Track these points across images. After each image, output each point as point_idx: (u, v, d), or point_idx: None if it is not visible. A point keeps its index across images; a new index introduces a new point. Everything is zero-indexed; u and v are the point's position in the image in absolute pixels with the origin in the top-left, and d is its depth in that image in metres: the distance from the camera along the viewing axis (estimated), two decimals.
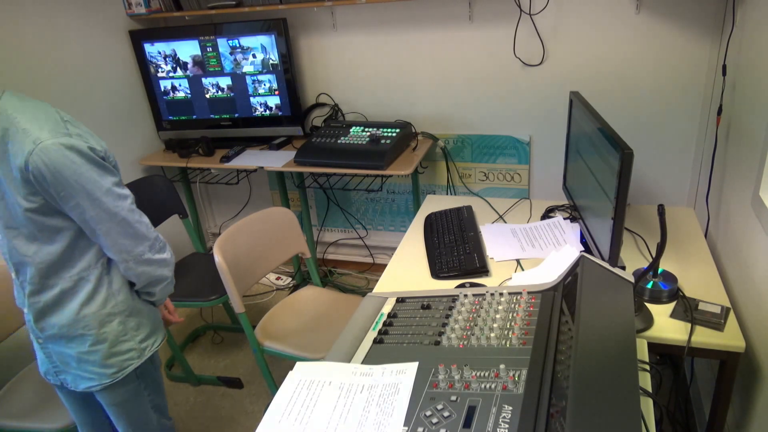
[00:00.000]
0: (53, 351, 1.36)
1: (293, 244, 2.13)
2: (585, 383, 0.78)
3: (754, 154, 1.51)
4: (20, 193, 1.16)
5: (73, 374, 1.37)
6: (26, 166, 1.11)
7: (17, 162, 1.12)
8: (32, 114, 1.16)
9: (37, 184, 1.14)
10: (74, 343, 1.32)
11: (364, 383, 0.97)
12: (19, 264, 1.27)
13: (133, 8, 2.66)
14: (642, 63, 2.28)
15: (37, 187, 1.14)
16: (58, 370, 1.38)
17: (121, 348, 1.36)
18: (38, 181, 1.13)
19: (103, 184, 1.19)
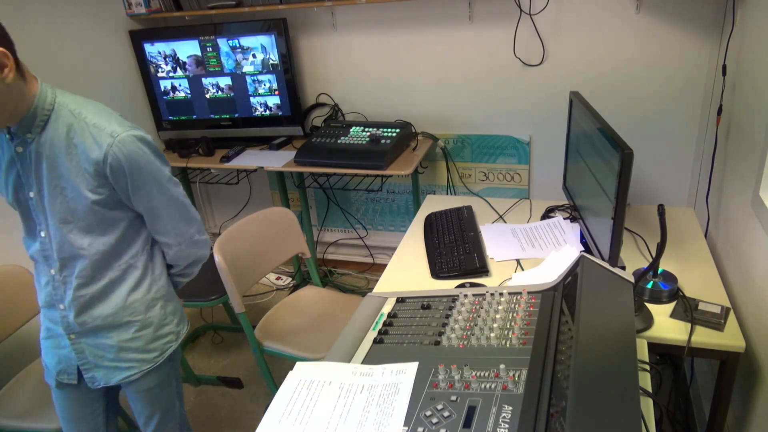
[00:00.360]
0: (88, 345, 1.34)
1: (293, 244, 2.13)
2: (585, 383, 0.78)
3: (754, 154, 1.51)
4: (88, 186, 1.19)
5: (107, 368, 1.36)
6: (105, 158, 1.16)
7: (93, 156, 1.16)
8: (94, 109, 1.22)
9: (111, 176, 1.19)
10: (117, 331, 1.33)
11: (364, 383, 0.98)
12: (69, 258, 1.26)
13: (133, 8, 2.66)
14: (642, 63, 2.28)
15: (111, 178, 1.19)
16: (88, 366, 1.35)
17: (163, 332, 1.40)
18: (114, 172, 1.18)
19: (165, 173, 1.28)
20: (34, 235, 1.27)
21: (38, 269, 1.32)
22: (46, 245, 1.25)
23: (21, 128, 1.15)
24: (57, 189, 1.19)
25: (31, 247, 1.30)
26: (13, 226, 1.35)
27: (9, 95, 1.10)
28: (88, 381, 1.38)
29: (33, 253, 1.29)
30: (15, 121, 1.14)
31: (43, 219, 1.23)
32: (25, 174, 1.20)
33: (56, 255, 1.25)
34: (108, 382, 1.38)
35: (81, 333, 1.33)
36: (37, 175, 1.19)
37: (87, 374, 1.37)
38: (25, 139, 1.16)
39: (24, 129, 1.15)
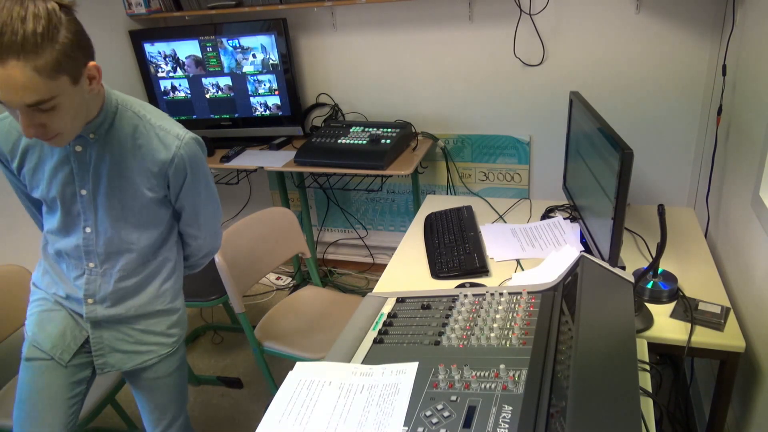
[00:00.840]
0: (109, 333, 1.35)
1: (293, 244, 2.13)
2: (585, 383, 0.78)
3: (754, 154, 1.51)
4: (148, 185, 1.23)
5: (124, 352, 1.37)
6: (172, 159, 1.21)
7: (160, 156, 1.21)
8: (155, 111, 1.26)
9: (172, 176, 1.24)
10: (145, 318, 1.37)
11: (364, 383, 0.98)
12: (115, 253, 1.28)
13: (133, 8, 2.66)
14: (642, 63, 2.28)
15: (171, 178, 1.24)
16: (102, 352, 1.36)
17: (182, 317, 1.46)
18: (177, 172, 1.23)
19: (209, 172, 1.34)
20: (72, 230, 1.27)
21: (65, 263, 1.31)
22: (90, 240, 1.26)
23: (86, 129, 1.16)
24: (116, 187, 1.22)
25: (61, 242, 1.28)
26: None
27: (94, 104, 1.13)
28: (98, 367, 1.37)
29: (65, 247, 1.28)
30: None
31: (92, 215, 1.24)
32: (80, 172, 1.20)
33: (102, 249, 1.27)
34: (121, 367, 1.38)
35: (107, 323, 1.34)
36: (95, 174, 1.20)
37: (98, 360, 1.36)
38: (87, 139, 1.17)
39: (89, 130, 1.17)
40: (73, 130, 1.08)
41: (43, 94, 0.96)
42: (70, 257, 1.29)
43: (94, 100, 1.13)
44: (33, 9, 0.92)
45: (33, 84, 0.94)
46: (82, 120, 1.10)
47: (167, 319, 1.41)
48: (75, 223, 1.26)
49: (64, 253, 1.29)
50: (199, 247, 1.45)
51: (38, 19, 0.92)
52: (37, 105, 0.96)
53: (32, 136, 1.01)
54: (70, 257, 1.29)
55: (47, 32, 0.93)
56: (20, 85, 0.93)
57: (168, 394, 1.48)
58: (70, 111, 1.03)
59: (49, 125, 1.02)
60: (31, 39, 0.90)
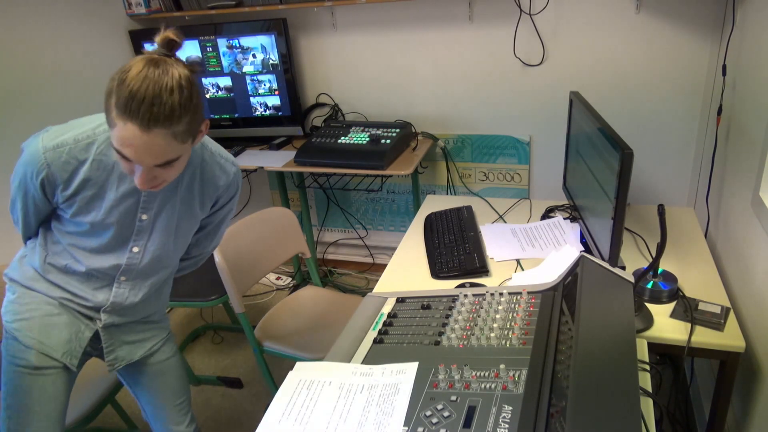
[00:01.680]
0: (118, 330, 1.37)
1: (293, 244, 2.13)
2: (585, 383, 0.78)
3: (754, 154, 1.51)
4: (203, 207, 1.29)
5: (131, 343, 1.40)
6: (229, 185, 1.30)
7: (221, 183, 1.28)
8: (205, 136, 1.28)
9: (224, 196, 1.31)
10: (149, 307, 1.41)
11: (364, 383, 0.98)
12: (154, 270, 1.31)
13: (133, 8, 2.66)
14: (642, 63, 2.28)
15: (222, 198, 1.31)
16: (112, 347, 1.37)
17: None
18: (228, 193, 1.31)
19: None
20: (116, 250, 1.25)
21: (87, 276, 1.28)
22: (134, 259, 1.27)
23: None
24: (177, 212, 1.25)
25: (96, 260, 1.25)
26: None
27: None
28: (109, 364, 1.38)
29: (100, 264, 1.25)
30: None
31: (146, 237, 1.25)
32: (148, 201, 1.21)
33: (144, 267, 1.29)
34: (132, 358, 1.41)
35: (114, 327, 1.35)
36: (163, 202, 1.22)
37: (109, 356, 1.37)
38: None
39: None
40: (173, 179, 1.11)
41: (173, 155, 1.01)
42: (100, 272, 1.27)
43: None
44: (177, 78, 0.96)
45: (170, 148, 0.99)
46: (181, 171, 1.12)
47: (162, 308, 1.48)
48: (120, 245, 1.25)
49: (95, 271, 1.26)
50: (202, 256, 1.49)
51: (182, 90, 0.96)
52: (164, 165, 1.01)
53: (147, 188, 1.05)
54: (100, 272, 1.27)
55: (188, 102, 0.98)
56: (159, 150, 0.98)
57: (179, 372, 1.53)
58: (183, 165, 1.08)
59: (162, 177, 1.06)
60: (177, 110, 0.95)
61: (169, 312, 2.99)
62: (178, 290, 2.30)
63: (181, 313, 2.98)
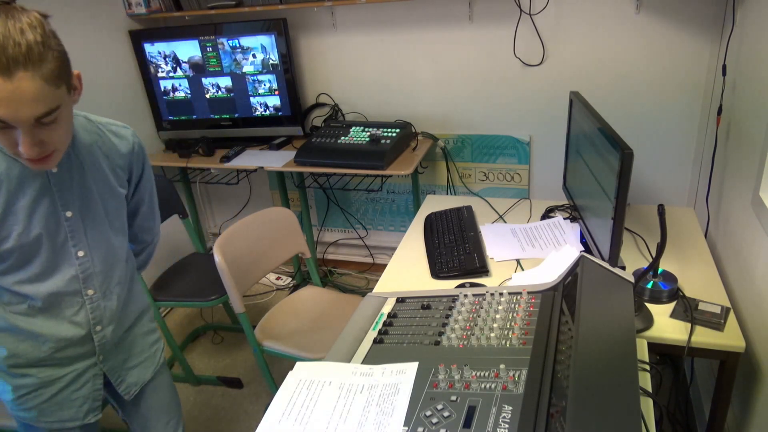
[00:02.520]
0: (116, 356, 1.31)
1: (293, 244, 2.13)
2: (585, 383, 0.78)
3: (754, 154, 1.51)
4: (119, 182, 1.24)
5: (138, 365, 1.37)
6: (133, 148, 1.26)
7: (123, 149, 1.24)
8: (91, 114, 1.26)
9: (135, 166, 1.27)
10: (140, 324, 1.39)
11: (364, 383, 0.97)
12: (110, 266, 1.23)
13: (133, 8, 2.66)
14: (642, 63, 2.28)
15: (135, 168, 1.28)
16: (121, 378, 1.33)
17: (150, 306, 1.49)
18: (137, 161, 1.28)
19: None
20: (59, 264, 1.15)
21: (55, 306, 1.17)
22: (86, 264, 1.18)
23: None
24: (99, 194, 1.18)
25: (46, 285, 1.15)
26: None
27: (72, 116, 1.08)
28: (123, 392, 1.33)
29: (55, 288, 1.15)
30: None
31: (83, 235, 1.16)
32: (63, 195, 1.12)
33: (100, 268, 1.21)
34: (144, 380, 1.39)
35: (113, 346, 1.30)
36: (78, 190, 1.14)
37: (121, 387, 1.33)
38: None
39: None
40: (64, 146, 1.03)
41: (50, 104, 0.93)
42: (65, 295, 1.17)
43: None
44: (27, 20, 0.91)
45: (42, 94, 0.91)
46: (70, 135, 1.06)
47: (148, 314, 1.44)
48: (62, 255, 1.15)
49: (57, 295, 1.16)
50: (154, 242, 1.47)
51: (34, 28, 0.91)
52: (44, 116, 0.93)
53: (35, 156, 0.96)
54: (65, 295, 1.17)
55: (45, 40, 0.92)
56: (31, 97, 0.90)
57: (171, 387, 1.51)
58: (66, 123, 1.01)
59: (48, 141, 0.97)
60: (34, 48, 0.89)
61: (169, 312, 2.99)
62: (178, 290, 2.30)
63: (181, 313, 2.98)
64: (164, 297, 2.25)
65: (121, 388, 1.33)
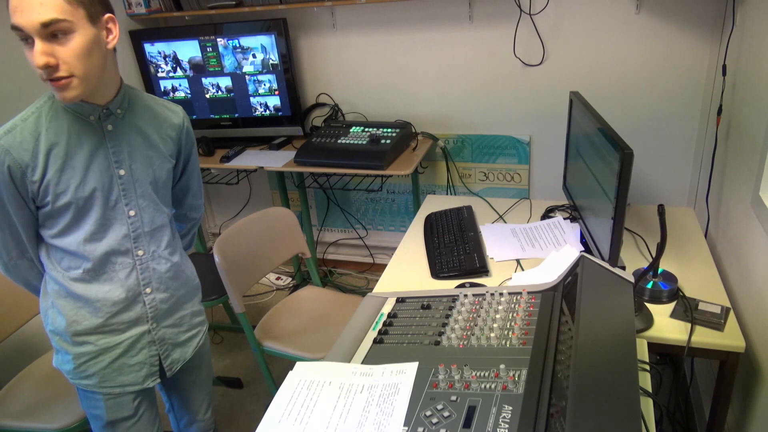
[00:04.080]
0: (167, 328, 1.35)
1: (293, 244, 2.13)
2: (585, 383, 0.78)
3: (754, 154, 1.51)
4: (169, 152, 1.30)
5: (182, 342, 1.40)
6: (183, 123, 1.33)
7: (175, 121, 1.31)
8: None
9: (185, 140, 1.34)
10: (192, 298, 1.43)
11: (364, 383, 0.98)
12: (158, 229, 1.30)
13: (133, 8, 2.66)
14: (642, 63, 2.28)
15: (184, 143, 1.34)
16: (168, 352, 1.36)
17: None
18: (188, 136, 1.35)
19: None
20: (113, 222, 1.22)
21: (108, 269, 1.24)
22: (137, 224, 1.25)
23: (114, 105, 1.18)
24: (148, 157, 1.25)
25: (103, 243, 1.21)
26: None
27: (109, 62, 1.14)
28: (167, 367, 1.38)
29: (110, 246, 1.22)
30: (108, 97, 1.17)
31: (133, 195, 1.24)
32: (117, 152, 1.20)
33: (148, 228, 1.28)
34: (185, 358, 1.42)
35: (164, 313, 1.35)
36: (130, 150, 1.22)
37: (167, 361, 1.37)
38: (116, 115, 1.20)
39: (116, 105, 1.19)
40: (82, 73, 1.05)
41: (58, 14, 0.99)
42: (118, 255, 1.24)
43: (113, 63, 1.16)
44: None
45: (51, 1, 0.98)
46: (97, 74, 1.09)
47: (199, 295, 1.48)
48: (115, 212, 1.22)
49: (111, 255, 1.23)
50: (199, 219, 1.53)
51: None
52: (51, 24, 0.99)
53: (44, 64, 1.00)
54: (118, 255, 1.24)
55: None
56: (38, 2, 0.97)
57: (210, 367, 1.56)
58: (84, 48, 1.04)
59: (62, 57, 1.02)
60: None
61: None
62: None
63: None
64: None
65: (166, 363, 1.37)
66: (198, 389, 1.55)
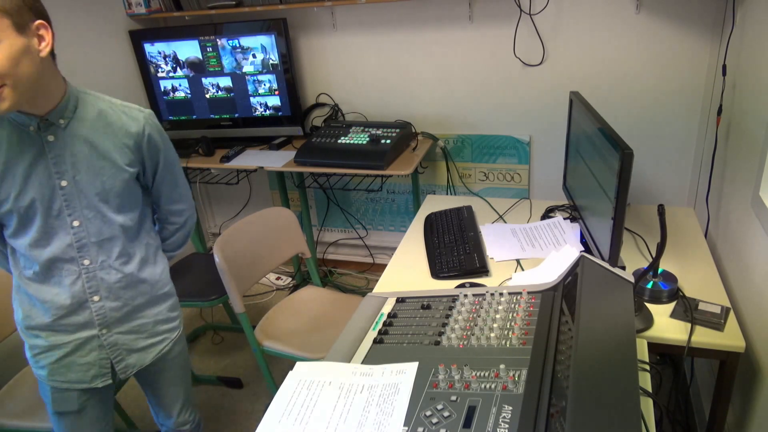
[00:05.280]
0: (121, 334, 1.34)
1: (293, 244, 2.13)
2: (585, 383, 0.78)
3: (754, 154, 1.51)
4: (126, 161, 1.26)
5: (140, 349, 1.39)
6: (143, 130, 1.27)
7: (132, 129, 1.26)
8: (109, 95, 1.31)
9: (148, 148, 1.29)
10: (152, 306, 1.40)
11: (364, 383, 0.98)
12: (106, 240, 1.27)
13: (133, 8, 2.66)
14: (642, 63, 2.28)
15: (146, 150, 1.29)
16: (121, 356, 1.36)
17: (176, 299, 1.50)
18: (151, 143, 1.30)
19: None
20: (57, 231, 1.22)
21: (55, 273, 1.25)
22: (81, 234, 1.24)
23: (54, 115, 1.16)
24: (96, 168, 1.22)
25: (47, 251, 1.23)
26: None
27: (42, 71, 1.12)
28: (120, 372, 1.37)
29: (54, 254, 1.23)
30: (48, 106, 1.15)
31: (78, 206, 1.22)
32: (58, 163, 1.18)
33: (95, 239, 1.26)
34: (143, 363, 1.41)
35: (117, 321, 1.33)
36: (74, 160, 1.19)
37: (120, 365, 1.37)
38: (57, 126, 1.17)
39: (57, 115, 1.16)
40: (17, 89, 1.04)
41: None
42: (63, 262, 1.24)
43: (49, 72, 1.14)
44: None
45: None
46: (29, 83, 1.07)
47: (168, 303, 1.45)
48: (59, 223, 1.21)
49: (55, 261, 1.24)
50: (185, 222, 1.49)
51: None
52: None
53: None
54: (63, 262, 1.24)
55: None
56: None
57: (182, 377, 1.55)
58: (11, 58, 1.02)
59: None
60: None
61: None
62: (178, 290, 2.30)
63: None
64: None
65: (119, 367, 1.37)
66: (168, 390, 1.54)
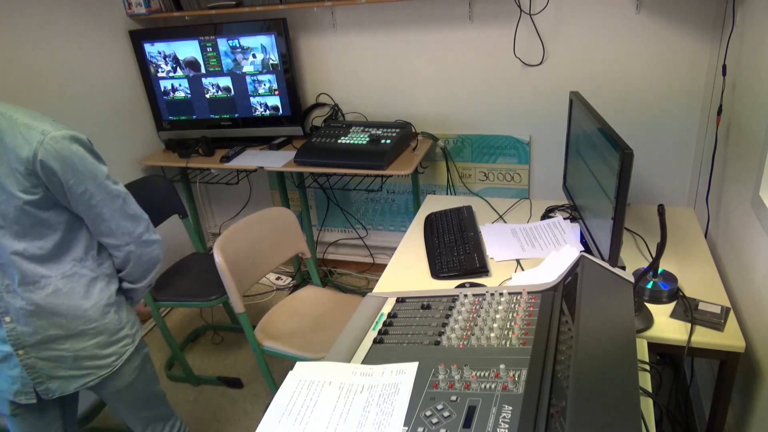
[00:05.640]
0: (40, 359, 1.31)
1: (293, 244, 2.13)
2: (585, 383, 0.78)
3: (754, 154, 1.51)
4: (20, 187, 1.16)
5: (62, 378, 1.33)
6: (35, 156, 1.14)
7: (23, 154, 1.14)
8: (28, 113, 1.20)
9: (43, 175, 1.16)
10: (72, 340, 1.31)
11: (364, 383, 0.97)
12: (6, 265, 1.22)
13: (133, 8, 2.66)
14: (642, 63, 2.28)
15: (43, 177, 1.17)
16: (41, 379, 1.32)
17: (119, 336, 1.39)
18: (46, 170, 1.16)
19: (103, 170, 1.26)
20: None
21: None
22: None
23: None
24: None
25: None
26: None
27: None
28: (41, 393, 1.34)
29: None
30: None
31: None
32: None
33: None
34: (65, 391, 1.36)
35: (33, 346, 1.29)
36: None
37: (40, 387, 1.33)
38: None
39: None
40: None
41: None
42: None
43: None
44: None
45: None
46: None
47: (97, 340, 1.34)
48: None
49: None
50: (127, 259, 1.36)
51: None
52: None
53: None
54: None
55: None
56: None
57: (137, 401, 1.48)
58: None
59: None
60: None
61: (169, 312, 2.99)
62: (178, 290, 2.30)
63: (181, 313, 2.98)
64: (164, 297, 2.25)
65: (39, 389, 1.34)
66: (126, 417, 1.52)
